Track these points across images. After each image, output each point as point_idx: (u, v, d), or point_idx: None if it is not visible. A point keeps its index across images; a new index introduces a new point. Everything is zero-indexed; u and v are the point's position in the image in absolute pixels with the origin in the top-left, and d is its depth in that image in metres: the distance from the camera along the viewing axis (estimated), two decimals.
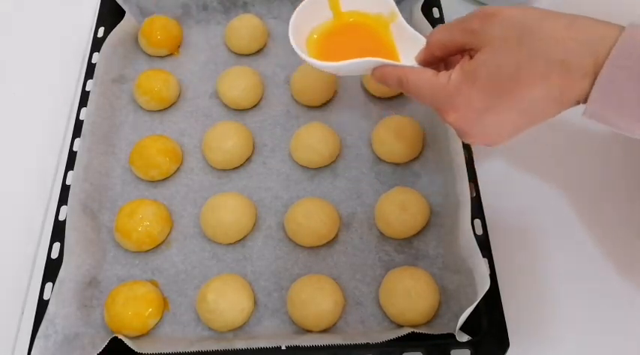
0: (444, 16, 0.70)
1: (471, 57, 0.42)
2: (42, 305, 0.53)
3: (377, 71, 0.47)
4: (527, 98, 0.40)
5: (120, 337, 0.51)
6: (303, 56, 0.48)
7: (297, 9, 0.50)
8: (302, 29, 0.51)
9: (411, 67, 0.46)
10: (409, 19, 0.72)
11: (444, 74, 0.44)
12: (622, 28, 0.38)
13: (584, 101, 0.39)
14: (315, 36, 0.52)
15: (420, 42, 0.48)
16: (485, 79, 0.41)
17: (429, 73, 0.45)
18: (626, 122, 0.38)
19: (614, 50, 0.37)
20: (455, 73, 0.42)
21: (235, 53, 0.73)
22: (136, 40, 0.75)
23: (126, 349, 0.51)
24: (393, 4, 0.50)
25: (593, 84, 0.38)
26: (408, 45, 0.49)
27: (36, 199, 0.65)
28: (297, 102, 0.68)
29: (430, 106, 0.45)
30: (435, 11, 0.70)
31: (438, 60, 0.47)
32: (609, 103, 0.38)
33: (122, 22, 0.72)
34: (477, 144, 0.45)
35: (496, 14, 0.41)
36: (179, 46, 0.75)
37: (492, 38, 0.40)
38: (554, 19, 0.39)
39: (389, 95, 0.67)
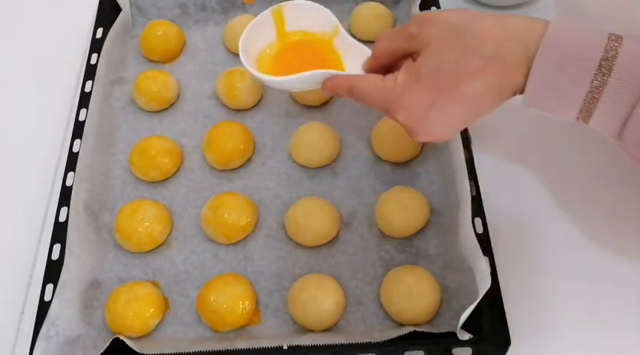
0: None
1: (414, 60, 0.45)
2: (43, 307, 0.53)
3: (327, 83, 0.49)
4: (468, 91, 0.43)
5: (121, 338, 0.51)
6: (255, 73, 0.49)
7: (246, 29, 0.52)
8: (251, 48, 0.52)
9: (359, 75, 0.49)
10: (408, 19, 0.72)
11: (390, 77, 0.46)
12: (547, 23, 0.41)
13: (522, 92, 0.42)
14: (264, 55, 0.53)
15: (365, 52, 0.50)
16: (428, 77, 0.44)
17: (376, 78, 0.47)
18: (559, 108, 0.42)
19: (542, 43, 0.40)
20: (400, 75, 0.45)
21: (234, 53, 0.73)
22: (133, 40, 0.75)
23: (127, 350, 0.50)
24: (335, 18, 0.52)
25: (527, 75, 0.41)
26: (354, 56, 0.51)
27: (36, 200, 0.65)
28: (296, 101, 0.68)
29: (380, 109, 0.48)
30: (434, 10, 0.70)
31: (384, 67, 0.49)
32: (543, 92, 0.41)
33: (117, 20, 0.72)
34: (425, 140, 0.48)
35: (431, 18, 0.45)
36: (180, 51, 0.74)
37: (430, 40, 0.44)
38: (484, 18, 0.43)
39: None
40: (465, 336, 0.48)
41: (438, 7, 0.70)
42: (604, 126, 0.42)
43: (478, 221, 0.55)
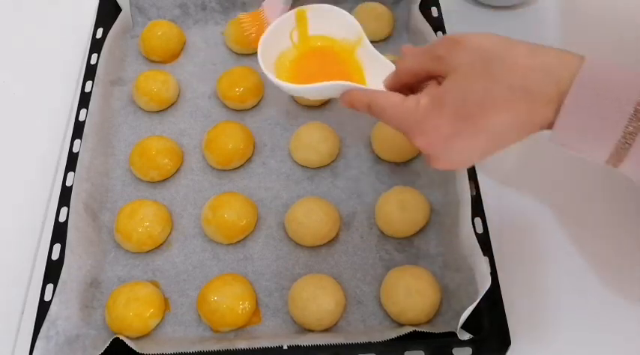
0: (443, 15, 0.70)
1: (439, 83, 0.43)
2: (43, 306, 0.53)
3: (345, 95, 0.47)
4: (493, 123, 0.40)
5: (121, 338, 0.51)
6: (273, 79, 0.47)
7: (265, 33, 0.50)
8: (270, 53, 0.50)
9: (379, 91, 0.46)
10: (408, 19, 0.72)
11: (412, 99, 0.44)
12: (582, 58, 0.38)
13: (549, 127, 0.40)
14: (283, 60, 0.51)
15: (388, 66, 0.48)
16: (452, 105, 0.41)
17: (397, 97, 0.45)
18: (589, 148, 0.39)
19: (576, 79, 0.37)
20: (423, 99, 0.43)
21: (235, 53, 0.73)
22: (133, 40, 0.75)
23: (127, 350, 0.50)
24: (360, 28, 0.50)
25: (557, 111, 0.38)
26: (376, 69, 0.49)
27: (36, 200, 0.65)
28: (296, 102, 0.68)
29: (398, 130, 0.45)
30: (434, 10, 0.70)
31: (405, 86, 0.47)
32: (572, 131, 0.39)
33: (117, 20, 0.72)
34: (443, 167, 0.45)
35: (461, 42, 0.41)
36: (180, 51, 0.74)
37: (458, 65, 0.41)
38: (516, 47, 0.40)
39: None
40: (465, 336, 0.48)
41: (438, 7, 0.70)
42: (635, 173, 0.39)
43: (478, 221, 0.55)
